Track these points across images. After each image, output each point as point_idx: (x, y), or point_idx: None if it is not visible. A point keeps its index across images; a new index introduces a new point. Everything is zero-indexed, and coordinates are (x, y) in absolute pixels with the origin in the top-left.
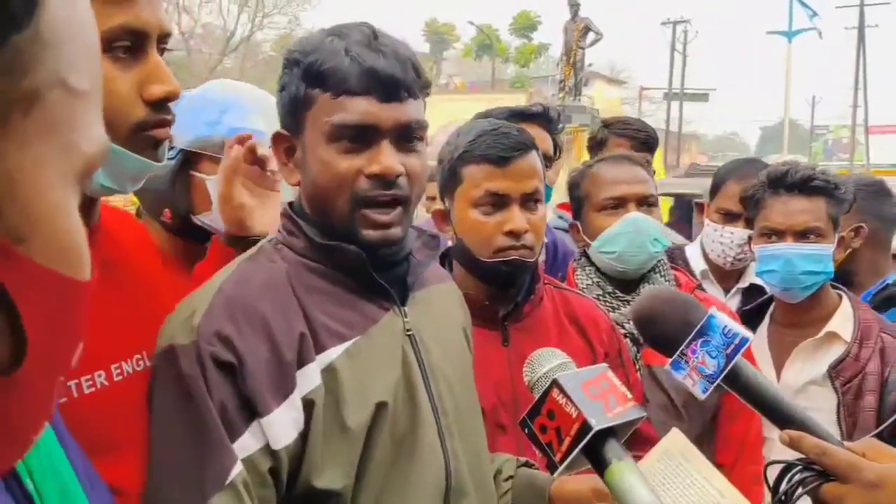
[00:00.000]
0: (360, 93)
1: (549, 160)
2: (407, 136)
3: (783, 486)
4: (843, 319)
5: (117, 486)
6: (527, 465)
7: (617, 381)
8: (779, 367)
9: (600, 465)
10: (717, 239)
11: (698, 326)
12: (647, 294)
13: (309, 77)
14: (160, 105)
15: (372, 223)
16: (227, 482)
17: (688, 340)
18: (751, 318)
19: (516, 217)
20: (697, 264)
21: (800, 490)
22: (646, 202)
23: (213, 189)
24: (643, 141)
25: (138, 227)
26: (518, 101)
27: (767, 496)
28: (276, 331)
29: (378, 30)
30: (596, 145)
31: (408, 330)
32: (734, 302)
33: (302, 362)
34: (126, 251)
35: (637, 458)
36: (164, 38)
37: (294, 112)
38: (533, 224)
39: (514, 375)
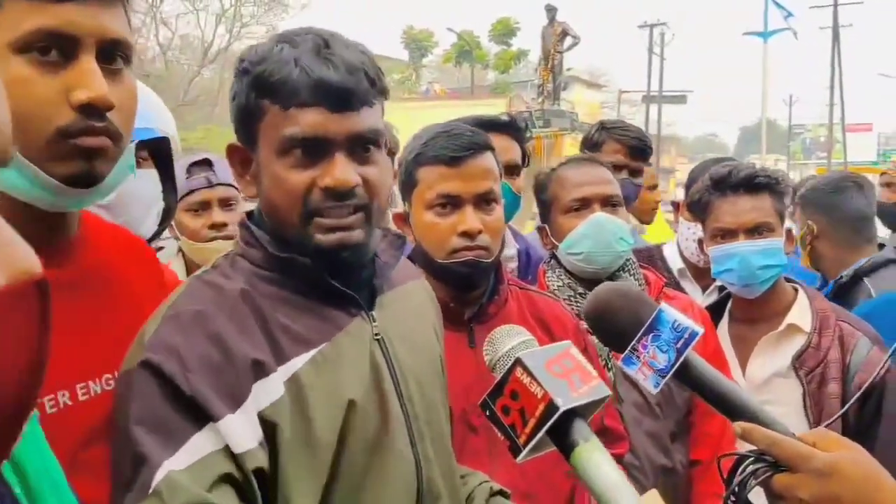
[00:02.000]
0: (310, 104)
1: (517, 169)
2: (362, 145)
3: (736, 478)
4: (801, 311)
5: None
6: (501, 493)
7: (581, 358)
8: (743, 362)
9: (566, 447)
10: (690, 237)
11: (648, 321)
12: (598, 290)
13: (258, 88)
14: (90, 111)
15: (327, 227)
16: (151, 491)
17: (638, 335)
18: (713, 315)
19: (469, 218)
20: (675, 263)
21: (752, 481)
22: (610, 202)
23: None
24: (640, 150)
25: (139, 245)
26: (498, 106)
27: None
28: (227, 340)
29: (330, 37)
30: (591, 146)
31: (376, 335)
32: (711, 300)
33: (260, 374)
34: (114, 269)
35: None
36: (114, 45)
37: (246, 124)
38: (488, 225)
39: (482, 376)
